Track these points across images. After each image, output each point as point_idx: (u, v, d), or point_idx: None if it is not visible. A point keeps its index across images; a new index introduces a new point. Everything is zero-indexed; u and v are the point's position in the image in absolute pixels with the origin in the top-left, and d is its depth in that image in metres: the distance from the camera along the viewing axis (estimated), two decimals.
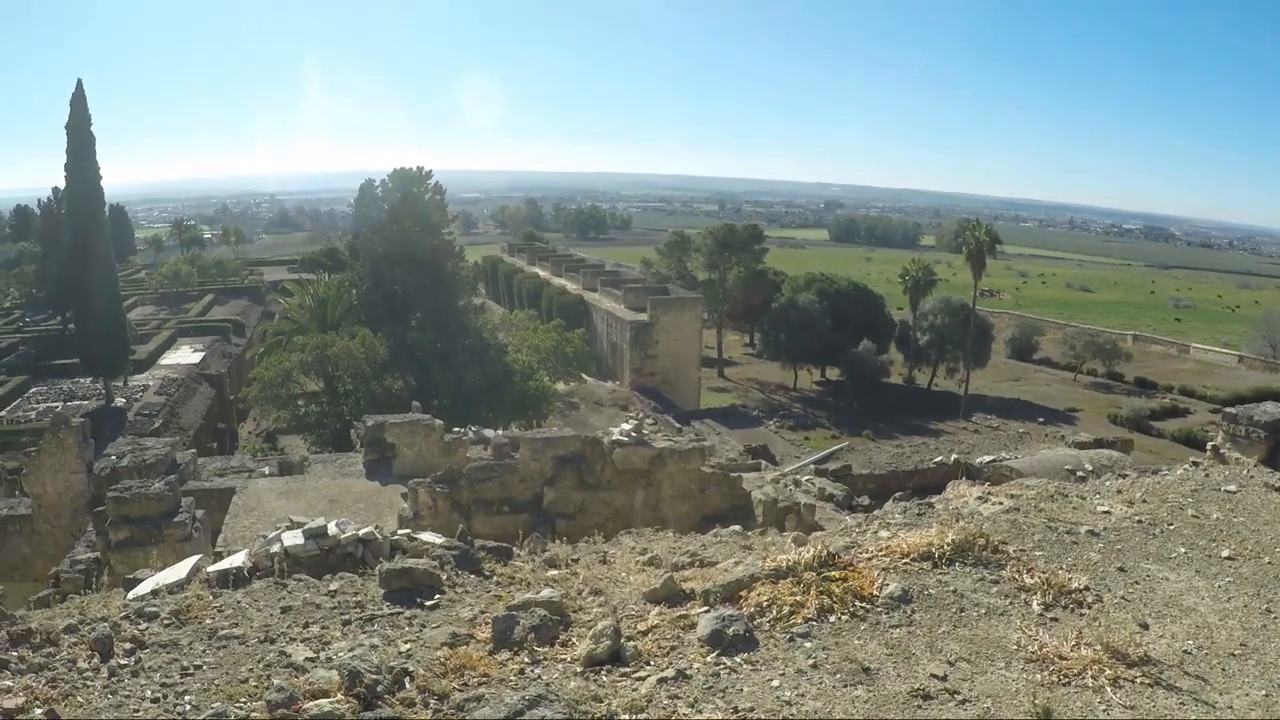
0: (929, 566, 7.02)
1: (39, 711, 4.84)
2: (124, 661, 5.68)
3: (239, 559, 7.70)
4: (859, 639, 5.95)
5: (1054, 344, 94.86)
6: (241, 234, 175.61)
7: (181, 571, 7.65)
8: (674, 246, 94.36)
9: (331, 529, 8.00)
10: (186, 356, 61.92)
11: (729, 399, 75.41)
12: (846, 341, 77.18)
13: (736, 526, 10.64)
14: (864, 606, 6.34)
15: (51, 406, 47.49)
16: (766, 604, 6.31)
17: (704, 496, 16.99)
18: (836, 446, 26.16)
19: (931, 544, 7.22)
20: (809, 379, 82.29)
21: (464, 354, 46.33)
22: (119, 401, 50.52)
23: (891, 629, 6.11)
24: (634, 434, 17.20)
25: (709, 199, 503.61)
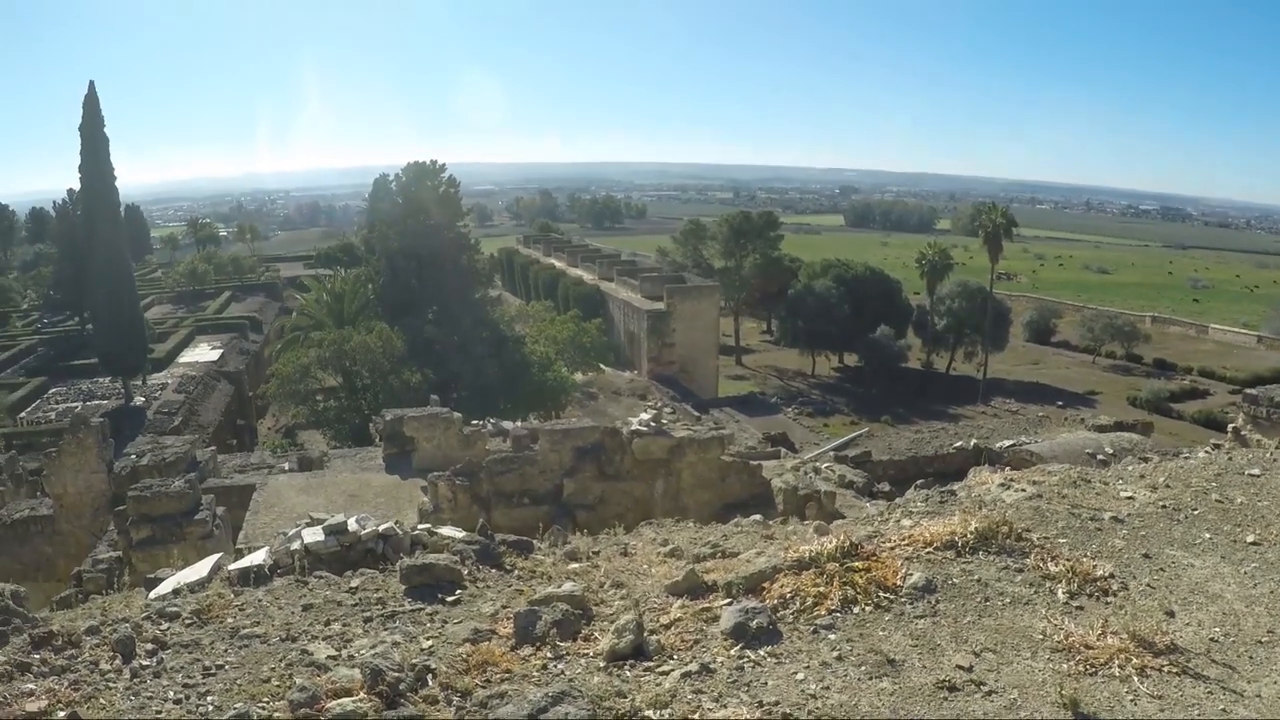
0: (952, 555, 6.94)
1: (61, 714, 4.85)
2: (146, 662, 5.68)
3: (260, 556, 7.69)
4: (883, 630, 5.88)
5: (1072, 326, 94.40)
6: (256, 231, 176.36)
7: (203, 570, 7.66)
8: (689, 235, 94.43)
9: (352, 525, 7.97)
10: (204, 354, 62.32)
11: (747, 387, 75.39)
12: (864, 327, 77.08)
13: (757, 515, 10.58)
14: (888, 597, 6.26)
15: (71, 407, 47.86)
16: (789, 595, 6.24)
17: (724, 485, 16.98)
18: (856, 433, 26.16)
19: (955, 532, 7.15)
20: (827, 365, 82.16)
21: (481, 346, 46.43)
22: (138, 400, 50.90)
23: (916, 619, 6.04)
24: (653, 423, 17.20)
25: (723, 187, 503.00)
